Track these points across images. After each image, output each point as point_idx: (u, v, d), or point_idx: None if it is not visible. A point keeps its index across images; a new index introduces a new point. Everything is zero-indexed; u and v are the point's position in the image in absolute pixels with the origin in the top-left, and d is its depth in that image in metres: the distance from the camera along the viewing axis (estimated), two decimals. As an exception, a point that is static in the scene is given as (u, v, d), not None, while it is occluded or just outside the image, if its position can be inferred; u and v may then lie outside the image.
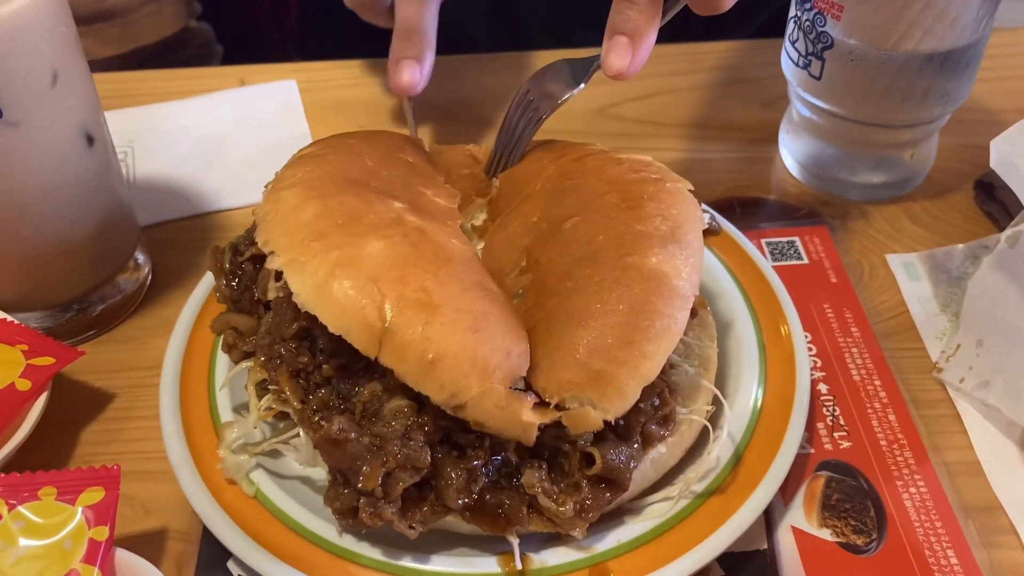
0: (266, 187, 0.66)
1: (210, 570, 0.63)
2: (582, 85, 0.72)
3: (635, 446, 0.58)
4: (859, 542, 0.64)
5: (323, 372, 0.60)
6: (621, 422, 0.58)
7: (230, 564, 0.63)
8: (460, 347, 0.55)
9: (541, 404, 0.56)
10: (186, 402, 0.68)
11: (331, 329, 0.56)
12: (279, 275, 0.59)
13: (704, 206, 0.66)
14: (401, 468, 0.55)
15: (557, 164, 0.69)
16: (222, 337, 0.70)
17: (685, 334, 0.65)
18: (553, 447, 0.58)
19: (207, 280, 0.75)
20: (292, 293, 0.58)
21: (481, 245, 0.69)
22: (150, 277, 0.83)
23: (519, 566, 0.58)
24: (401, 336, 0.55)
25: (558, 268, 0.61)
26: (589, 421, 0.55)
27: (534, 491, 0.56)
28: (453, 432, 0.57)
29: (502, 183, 0.72)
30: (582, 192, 0.65)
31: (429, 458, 0.56)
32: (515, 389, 0.56)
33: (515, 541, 0.58)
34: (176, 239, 0.88)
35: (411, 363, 0.55)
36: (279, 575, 0.58)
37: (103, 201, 0.74)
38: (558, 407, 0.56)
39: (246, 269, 0.70)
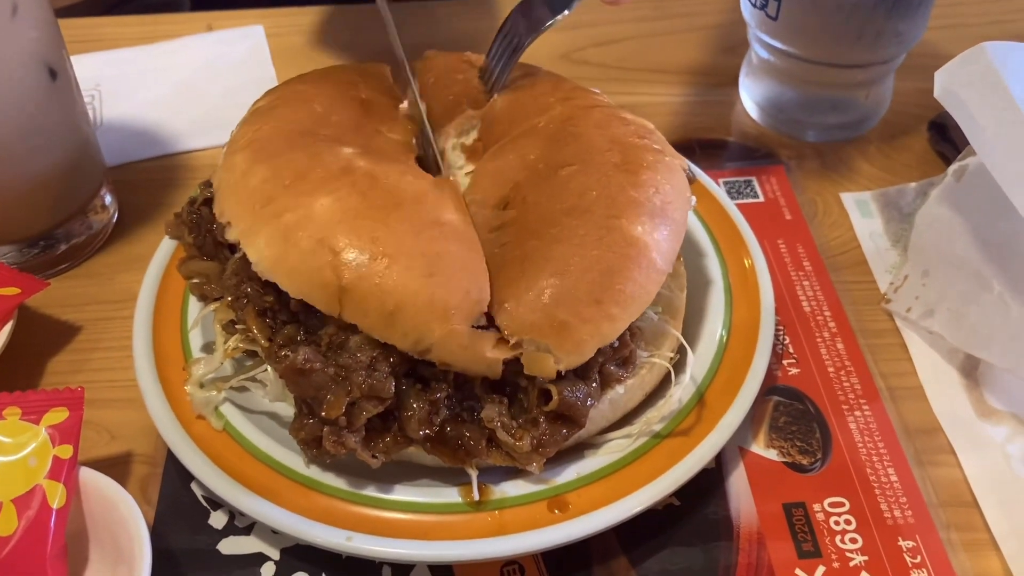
0: (225, 148, 0.66)
1: (175, 491, 0.65)
2: (566, 12, 0.69)
3: (593, 385, 0.59)
4: (804, 462, 0.66)
5: (290, 308, 0.60)
6: None
7: (194, 486, 0.65)
8: (417, 294, 0.55)
9: (503, 340, 0.57)
10: (159, 339, 0.68)
11: (292, 295, 0.57)
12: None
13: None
14: (366, 398, 0.56)
15: (564, 106, 0.68)
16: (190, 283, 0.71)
17: None
18: (513, 383, 0.59)
19: None
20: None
21: (469, 168, 0.68)
22: (116, 215, 0.84)
23: (476, 497, 0.59)
24: (358, 292, 0.55)
25: (545, 212, 0.61)
26: (544, 366, 0.56)
27: (493, 425, 0.58)
28: (418, 365, 0.58)
29: (501, 106, 0.71)
30: (584, 143, 0.65)
31: (393, 388, 0.57)
32: (477, 327, 0.57)
33: (474, 473, 0.60)
34: (142, 179, 0.88)
35: (373, 317, 0.56)
36: (245, 503, 0.59)
37: (68, 137, 0.75)
38: (515, 346, 0.57)
39: (203, 213, 0.70)
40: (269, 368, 0.63)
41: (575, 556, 0.61)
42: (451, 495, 0.60)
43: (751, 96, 0.94)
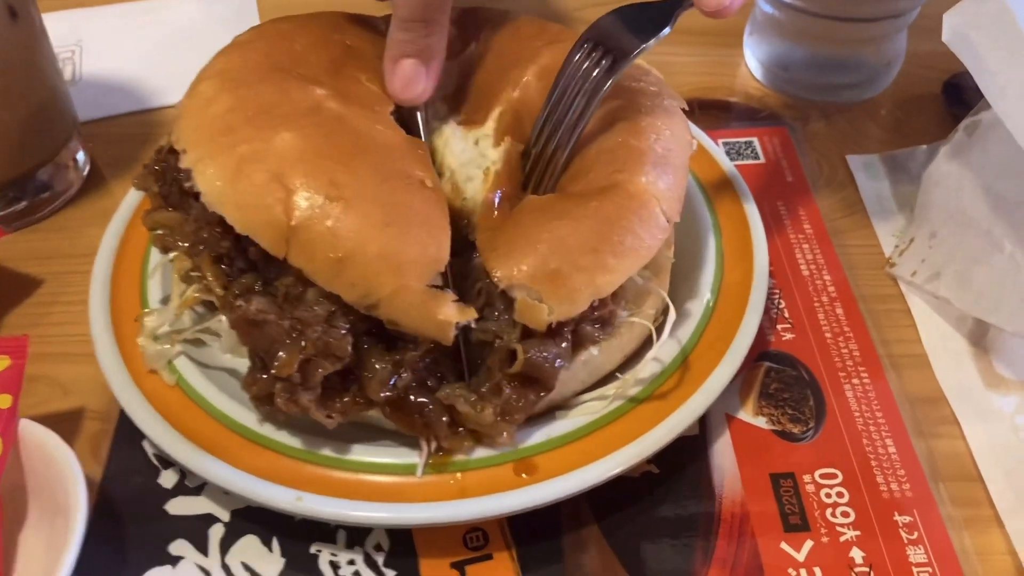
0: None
1: (126, 448, 0.62)
2: (667, 29, 0.57)
3: (563, 345, 0.55)
4: (795, 430, 0.62)
5: (248, 256, 0.57)
6: None
7: (145, 444, 0.62)
8: (369, 243, 0.52)
9: (458, 303, 0.53)
10: (117, 290, 0.65)
11: (238, 229, 0.54)
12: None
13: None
14: (321, 355, 0.53)
15: (551, 51, 0.63)
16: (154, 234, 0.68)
17: None
18: (480, 343, 0.55)
19: None
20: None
21: (451, 119, 0.64)
22: (88, 168, 0.81)
23: (420, 474, 0.55)
24: (308, 234, 0.52)
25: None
26: (536, 316, 0.53)
27: (452, 400, 0.54)
28: (383, 322, 0.54)
29: (481, 52, 0.67)
30: None
31: (350, 347, 0.53)
32: (433, 286, 0.53)
33: (426, 447, 0.56)
34: (118, 133, 0.85)
35: (320, 262, 0.52)
36: (192, 460, 0.56)
37: (29, 81, 0.72)
38: (504, 293, 0.53)
39: (170, 161, 0.66)
40: (224, 318, 0.59)
41: (543, 524, 0.57)
42: (411, 457, 0.56)
43: (755, 55, 0.89)
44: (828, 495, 0.58)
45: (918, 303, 0.69)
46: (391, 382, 0.54)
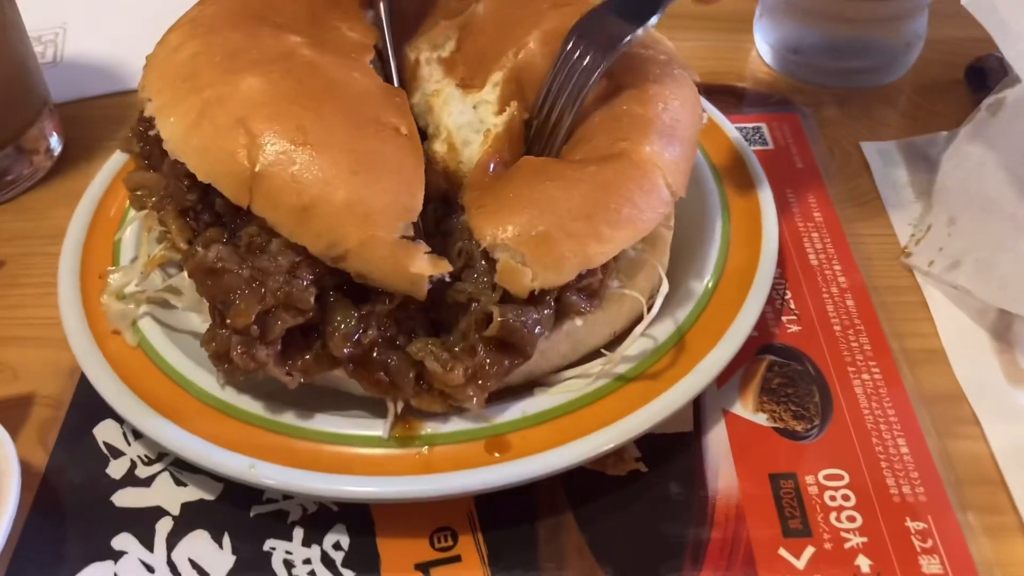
0: None
1: (75, 436, 0.58)
2: (654, 18, 0.57)
3: (545, 312, 0.51)
4: (798, 428, 0.56)
5: (215, 208, 0.54)
6: None
7: (96, 431, 0.58)
8: (337, 191, 0.49)
9: (431, 255, 0.49)
10: (89, 250, 0.63)
11: (199, 177, 0.51)
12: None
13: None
14: (283, 307, 0.49)
15: (556, 14, 0.60)
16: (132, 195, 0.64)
17: None
18: (455, 305, 0.51)
19: None
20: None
21: (446, 83, 0.61)
22: (60, 149, 0.77)
23: (385, 435, 0.51)
24: (271, 181, 0.49)
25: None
26: (518, 280, 0.49)
27: (422, 355, 0.50)
28: (350, 275, 0.51)
29: (484, 13, 0.63)
30: None
31: (313, 299, 0.49)
32: (404, 237, 0.49)
33: (392, 407, 0.52)
34: (96, 115, 0.82)
35: (284, 210, 0.49)
36: (146, 423, 0.53)
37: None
38: (487, 253, 0.50)
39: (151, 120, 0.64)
40: (187, 274, 0.55)
41: (519, 527, 0.52)
42: (377, 429, 0.52)
43: (766, 39, 0.84)
44: (833, 498, 0.53)
45: (935, 295, 0.64)
46: (355, 337, 0.50)
